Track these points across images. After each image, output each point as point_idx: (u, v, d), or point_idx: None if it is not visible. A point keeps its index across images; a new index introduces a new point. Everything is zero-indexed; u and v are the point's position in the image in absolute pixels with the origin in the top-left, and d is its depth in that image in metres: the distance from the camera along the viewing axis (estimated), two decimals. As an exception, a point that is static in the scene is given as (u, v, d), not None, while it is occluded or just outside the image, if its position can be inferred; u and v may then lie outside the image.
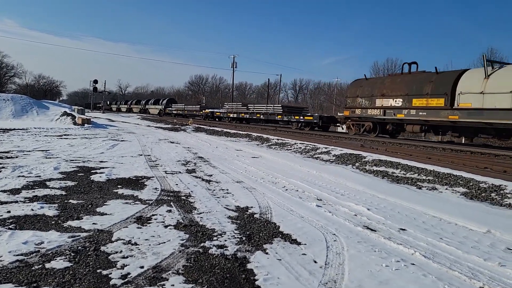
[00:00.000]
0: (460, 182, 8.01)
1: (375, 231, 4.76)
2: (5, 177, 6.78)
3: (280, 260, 3.66)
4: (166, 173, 8.27)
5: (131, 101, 79.90)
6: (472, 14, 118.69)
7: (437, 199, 6.84)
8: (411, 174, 9.11)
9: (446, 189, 7.76)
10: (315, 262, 3.65)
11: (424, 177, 8.72)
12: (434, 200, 6.71)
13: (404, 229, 4.87)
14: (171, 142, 15.92)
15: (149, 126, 29.35)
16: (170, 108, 53.91)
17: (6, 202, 5.16)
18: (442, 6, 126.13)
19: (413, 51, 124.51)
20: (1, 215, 4.58)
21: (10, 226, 4.19)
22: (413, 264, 3.71)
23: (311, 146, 14.41)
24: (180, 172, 8.46)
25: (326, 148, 13.57)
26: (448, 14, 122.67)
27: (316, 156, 12.54)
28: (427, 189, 7.78)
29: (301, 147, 14.43)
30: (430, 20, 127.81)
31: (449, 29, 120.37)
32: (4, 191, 5.77)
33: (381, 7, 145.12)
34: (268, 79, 70.81)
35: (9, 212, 4.72)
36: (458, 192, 7.48)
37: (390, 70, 57.68)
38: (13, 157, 9.30)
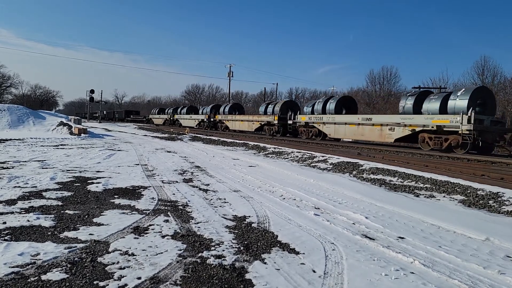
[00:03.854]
0: (458, 189, 8.02)
1: (373, 239, 4.74)
2: (1, 188, 6.72)
3: (279, 270, 3.63)
4: (163, 182, 8.23)
5: (207, 108, 44.28)
6: (465, 24, 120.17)
7: (435, 206, 6.83)
8: (409, 182, 9.11)
9: (444, 196, 7.77)
10: (314, 271, 3.63)
11: (421, 185, 8.72)
12: (432, 207, 6.70)
13: (402, 238, 4.86)
14: (168, 152, 15.89)
15: (146, 135, 29.31)
16: None
17: (1, 213, 5.11)
18: (436, 16, 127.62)
19: (408, 59, 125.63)
20: (-3, 227, 4.53)
21: (6, 238, 4.15)
22: (413, 272, 3.68)
23: (308, 154, 14.41)
24: (177, 182, 8.42)
25: (323, 156, 13.58)
26: (442, 24, 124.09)
27: (313, 164, 12.53)
28: (425, 196, 7.78)
29: (298, 156, 14.43)
30: (425, 30, 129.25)
31: (443, 39, 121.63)
32: (0, 202, 5.72)
33: (376, 18, 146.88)
34: (265, 88, 71.58)
35: (4, 223, 4.67)
36: (456, 199, 7.48)
37: (386, 78, 58.15)
38: (9, 168, 9.24)
